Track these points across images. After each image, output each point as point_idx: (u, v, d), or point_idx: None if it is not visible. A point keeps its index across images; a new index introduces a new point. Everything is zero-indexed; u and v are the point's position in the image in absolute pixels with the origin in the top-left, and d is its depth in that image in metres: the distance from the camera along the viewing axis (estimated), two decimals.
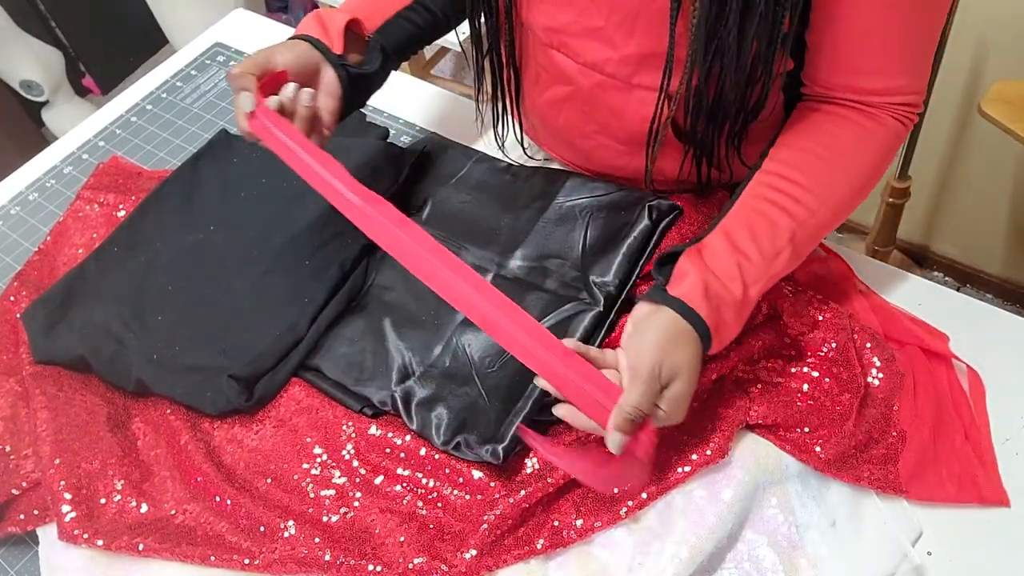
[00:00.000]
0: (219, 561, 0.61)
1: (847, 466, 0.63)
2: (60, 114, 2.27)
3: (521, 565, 0.60)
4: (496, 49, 0.77)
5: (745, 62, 0.61)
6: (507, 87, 0.80)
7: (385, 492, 0.64)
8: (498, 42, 0.76)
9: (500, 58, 0.78)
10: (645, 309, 0.60)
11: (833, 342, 0.69)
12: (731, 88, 0.63)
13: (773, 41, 0.60)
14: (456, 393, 0.67)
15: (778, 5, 0.57)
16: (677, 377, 0.56)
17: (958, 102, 1.51)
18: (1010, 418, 0.67)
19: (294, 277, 0.77)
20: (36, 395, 0.71)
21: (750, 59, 0.61)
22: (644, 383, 0.55)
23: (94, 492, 0.65)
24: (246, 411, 0.70)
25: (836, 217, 0.66)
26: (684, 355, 0.57)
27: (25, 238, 0.91)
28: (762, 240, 0.63)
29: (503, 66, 0.78)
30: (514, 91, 0.80)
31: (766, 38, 0.59)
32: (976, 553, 0.61)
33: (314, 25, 0.74)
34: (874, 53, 0.63)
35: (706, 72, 0.62)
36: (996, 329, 0.72)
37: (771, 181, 0.65)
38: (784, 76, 0.66)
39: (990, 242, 1.72)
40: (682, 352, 0.57)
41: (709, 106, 0.65)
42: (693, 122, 0.66)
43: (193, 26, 1.87)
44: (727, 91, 0.63)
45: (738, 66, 0.61)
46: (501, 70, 0.79)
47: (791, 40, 0.61)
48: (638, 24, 0.64)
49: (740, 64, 0.61)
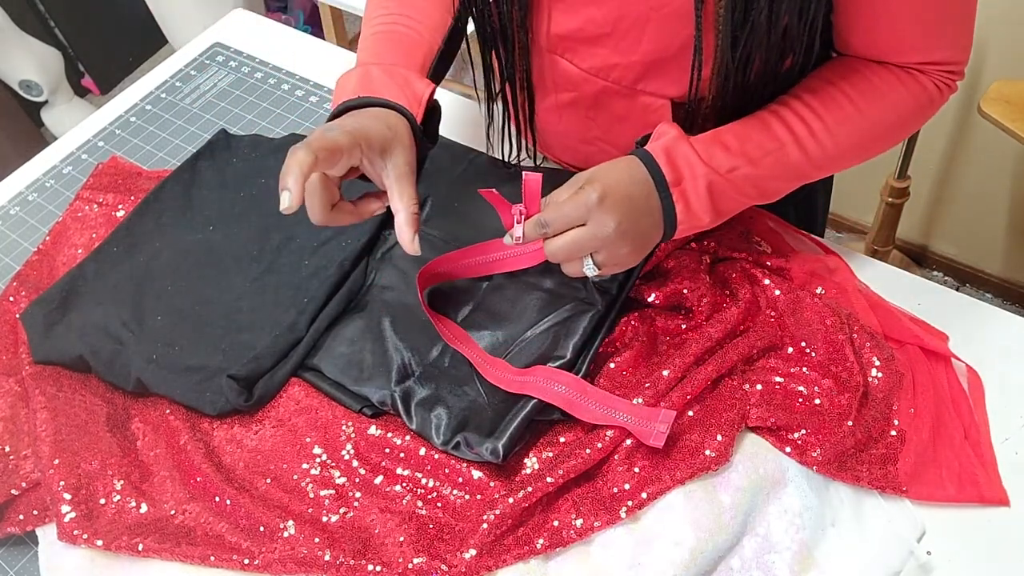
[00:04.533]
0: (219, 561, 0.61)
1: (846, 466, 0.63)
2: (59, 114, 2.28)
3: (521, 565, 0.60)
4: (512, 78, 0.74)
5: (777, 40, 0.60)
6: (521, 110, 0.77)
7: (385, 492, 0.64)
8: (513, 71, 0.73)
9: (513, 81, 0.75)
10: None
11: (832, 342, 0.69)
12: (760, 69, 0.62)
13: (804, 13, 0.59)
14: (456, 393, 0.67)
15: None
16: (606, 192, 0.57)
17: (958, 101, 1.51)
18: (1010, 417, 0.67)
19: (293, 277, 0.77)
20: (35, 395, 0.71)
21: (781, 36, 0.60)
22: (565, 187, 0.58)
23: (93, 492, 0.65)
24: (245, 411, 0.70)
25: (844, 156, 0.65)
26: (618, 175, 0.59)
27: (24, 238, 0.91)
28: (751, 135, 0.62)
29: (516, 88, 0.76)
30: (527, 112, 0.77)
31: (796, 10, 0.58)
32: (976, 553, 0.61)
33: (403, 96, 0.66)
34: (911, 31, 0.62)
35: (738, 60, 0.61)
36: (996, 329, 0.72)
37: (782, 99, 0.64)
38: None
39: (990, 241, 1.73)
40: (617, 172, 0.59)
41: (738, 91, 0.64)
42: (719, 113, 0.65)
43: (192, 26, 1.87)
44: (756, 73, 0.62)
45: (769, 46, 0.60)
46: (514, 94, 0.76)
47: (820, 19, 0.60)
48: (647, 30, 0.64)
49: (771, 44, 0.60)
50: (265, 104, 1.02)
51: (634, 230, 0.60)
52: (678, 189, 0.61)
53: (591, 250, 0.60)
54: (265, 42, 1.12)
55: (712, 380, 0.66)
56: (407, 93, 0.66)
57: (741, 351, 0.67)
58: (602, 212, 0.58)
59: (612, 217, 0.58)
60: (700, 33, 0.60)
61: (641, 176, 0.60)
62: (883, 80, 0.64)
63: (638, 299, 0.73)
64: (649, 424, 0.62)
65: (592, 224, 0.58)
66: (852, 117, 0.64)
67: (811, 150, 0.64)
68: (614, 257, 0.60)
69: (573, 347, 0.68)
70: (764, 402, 0.66)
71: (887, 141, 0.67)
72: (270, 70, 1.07)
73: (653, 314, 0.72)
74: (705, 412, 0.65)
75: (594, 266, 0.61)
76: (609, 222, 0.58)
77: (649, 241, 0.62)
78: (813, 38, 0.62)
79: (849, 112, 0.64)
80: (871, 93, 0.64)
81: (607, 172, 0.60)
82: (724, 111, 0.65)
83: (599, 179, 0.59)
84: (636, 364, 0.69)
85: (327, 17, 1.84)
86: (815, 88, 0.65)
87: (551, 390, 0.64)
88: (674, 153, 0.61)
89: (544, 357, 0.68)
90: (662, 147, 0.61)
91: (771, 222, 0.79)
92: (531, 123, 0.78)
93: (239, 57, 1.10)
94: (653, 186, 0.60)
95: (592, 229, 0.58)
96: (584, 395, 0.64)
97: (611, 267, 0.62)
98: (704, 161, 0.61)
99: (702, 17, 0.59)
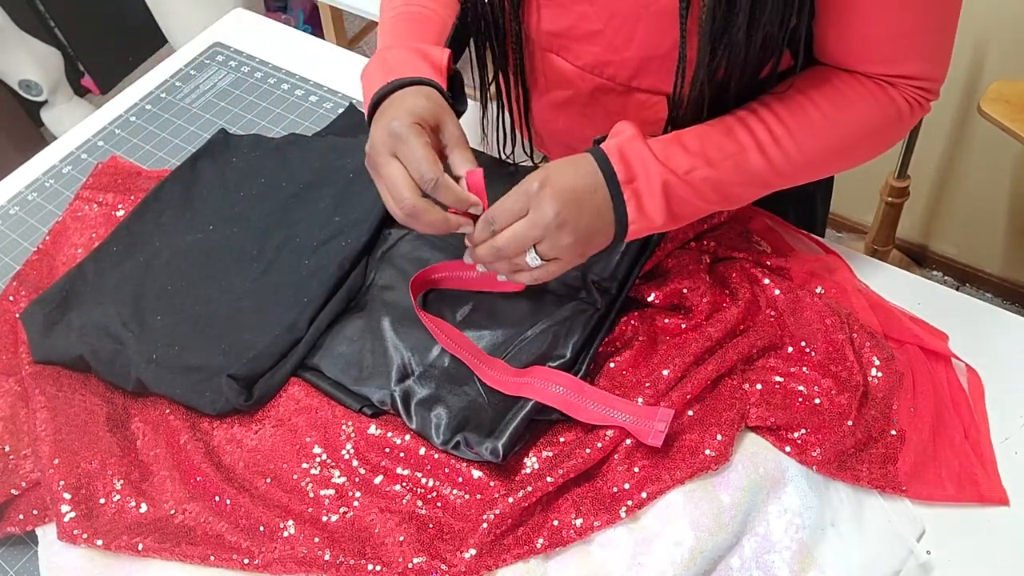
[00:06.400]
0: (219, 561, 0.61)
1: (846, 466, 0.63)
2: (59, 114, 2.27)
3: (521, 565, 0.60)
4: (505, 72, 0.75)
5: (755, 51, 0.60)
6: (515, 104, 0.78)
7: (384, 492, 0.64)
8: (506, 65, 0.74)
9: (507, 77, 0.76)
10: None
11: (832, 341, 0.69)
12: (739, 76, 0.62)
13: (784, 24, 0.59)
14: (455, 392, 0.67)
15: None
16: (546, 181, 0.58)
17: (957, 101, 1.51)
18: (1009, 417, 0.67)
19: (293, 276, 0.77)
20: (35, 395, 0.71)
21: (759, 47, 0.60)
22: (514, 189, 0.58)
23: (93, 492, 0.65)
24: (245, 411, 0.69)
25: (809, 165, 0.64)
26: (564, 168, 0.59)
27: (24, 238, 0.91)
28: (712, 137, 0.62)
29: (510, 84, 0.76)
30: (522, 108, 0.78)
31: (777, 21, 0.58)
32: (975, 552, 0.61)
33: (426, 67, 0.66)
34: (883, 39, 0.61)
35: (716, 67, 0.61)
36: (995, 328, 0.72)
37: (749, 104, 0.64)
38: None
39: (989, 241, 1.73)
40: (564, 165, 0.59)
41: (716, 95, 0.64)
42: (698, 115, 0.65)
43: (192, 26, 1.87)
44: (734, 80, 0.62)
45: (747, 56, 0.60)
46: (508, 88, 0.77)
47: (803, 27, 0.60)
48: (638, 28, 0.64)
49: (749, 55, 0.60)
50: (265, 104, 1.02)
51: (575, 222, 0.59)
52: (630, 187, 0.60)
53: (533, 240, 0.59)
54: (265, 42, 1.12)
55: (712, 380, 0.66)
56: (428, 63, 0.66)
57: (741, 351, 0.67)
58: (540, 199, 0.58)
59: (551, 205, 0.58)
60: (684, 37, 0.60)
61: (590, 170, 0.60)
62: (852, 90, 0.64)
63: (638, 299, 0.73)
64: (647, 423, 0.62)
65: (532, 212, 0.59)
66: (817, 124, 0.63)
67: (773, 156, 0.63)
68: (555, 248, 0.60)
69: (573, 347, 0.68)
70: (764, 402, 0.66)
71: (854, 153, 0.66)
72: (270, 70, 1.07)
73: (653, 314, 0.72)
74: (705, 412, 0.65)
75: (536, 255, 0.60)
76: (548, 209, 0.58)
77: (596, 237, 0.61)
78: (797, 46, 0.62)
79: (814, 119, 0.63)
80: (838, 101, 0.64)
81: (555, 166, 0.61)
82: (708, 111, 0.65)
83: (543, 170, 0.60)
84: (636, 364, 0.69)
85: (327, 17, 1.84)
86: (783, 95, 0.64)
87: (548, 391, 0.64)
88: (628, 151, 0.61)
89: (544, 357, 0.68)
90: (616, 145, 0.61)
91: (770, 222, 0.79)
92: (526, 119, 0.78)
93: (239, 57, 1.10)
94: (603, 182, 0.59)
95: (532, 217, 0.59)
96: (582, 395, 0.64)
97: (554, 259, 0.61)
98: (660, 160, 0.60)
99: (687, 20, 0.59)
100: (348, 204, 0.82)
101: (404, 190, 0.59)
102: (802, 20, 0.59)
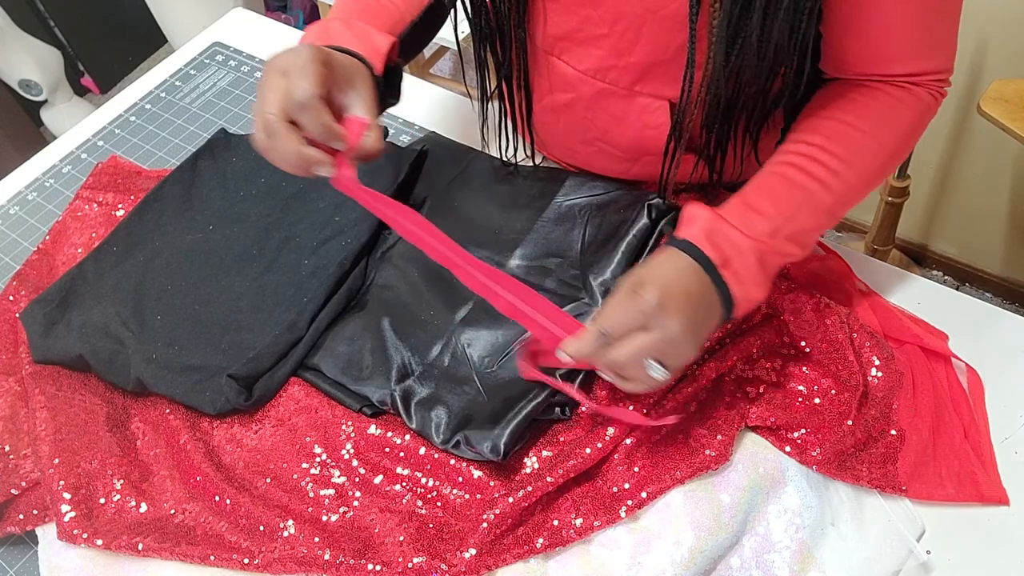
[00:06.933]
0: (219, 560, 0.61)
1: (846, 465, 0.63)
2: (59, 113, 2.28)
3: (521, 564, 0.60)
4: (508, 75, 0.74)
5: (768, 56, 0.60)
6: (517, 107, 0.77)
7: (384, 491, 0.64)
8: (510, 70, 0.73)
9: (509, 80, 0.75)
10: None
11: (832, 341, 0.69)
12: (751, 83, 0.62)
13: (795, 31, 0.59)
14: (456, 392, 0.67)
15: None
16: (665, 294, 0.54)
17: (957, 101, 1.51)
18: (1009, 417, 0.67)
19: (293, 276, 0.77)
20: (35, 395, 0.71)
21: (772, 52, 0.59)
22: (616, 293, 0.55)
23: (93, 492, 0.65)
24: (245, 410, 0.69)
25: (867, 184, 0.64)
26: (667, 271, 0.56)
27: (24, 238, 0.91)
28: (779, 193, 0.61)
29: (512, 87, 0.76)
30: (524, 110, 0.77)
31: (787, 28, 0.58)
32: (975, 552, 0.61)
33: (367, 48, 0.64)
34: (900, 41, 0.62)
35: (728, 72, 0.60)
36: (995, 328, 0.72)
37: (791, 147, 0.63)
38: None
39: (989, 241, 1.73)
40: (666, 268, 0.56)
41: (727, 104, 0.64)
42: (709, 124, 0.65)
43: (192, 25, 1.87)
44: (746, 86, 0.62)
45: (760, 62, 0.60)
46: (510, 91, 0.76)
47: (811, 35, 0.60)
48: (643, 32, 0.63)
49: (762, 60, 0.60)
50: None
51: (696, 327, 0.56)
52: (728, 270, 0.58)
53: (656, 355, 0.55)
54: (265, 42, 1.12)
55: (712, 380, 0.66)
56: (366, 45, 0.64)
57: (741, 351, 0.67)
58: (665, 316, 0.54)
59: (677, 320, 0.54)
60: (694, 42, 0.59)
61: (689, 267, 0.57)
62: (878, 101, 0.64)
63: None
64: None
65: (657, 329, 0.54)
66: (865, 145, 0.63)
67: (836, 189, 0.62)
68: (680, 357, 0.56)
69: None
70: (764, 401, 0.66)
71: (898, 158, 0.66)
72: None
73: None
74: (705, 411, 0.65)
75: (661, 368, 0.55)
76: (674, 326, 0.54)
77: (709, 329, 0.59)
78: (804, 53, 0.62)
79: (861, 141, 0.63)
80: (873, 117, 0.64)
81: (654, 271, 0.57)
82: (714, 116, 0.65)
83: (650, 280, 0.55)
84: None
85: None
86: (819, 128, 0.64)
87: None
88: (716, 235, 0.59)
89: None
90: (701, 231, 0.59)
91: None
92: (528, 123, 0.78)
93: (239, 56, 1.10)
94: (706, 276, 0.57)
95: (658, 334, 0.54)
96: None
97: (678, 367, 0.57)
98: (745, 234, 0.59)
99: (696, 26, 0.58)
100: (348, 204, 0.82)
101: (271, 104, 0.54)
102: (811, 27, 0.59)
